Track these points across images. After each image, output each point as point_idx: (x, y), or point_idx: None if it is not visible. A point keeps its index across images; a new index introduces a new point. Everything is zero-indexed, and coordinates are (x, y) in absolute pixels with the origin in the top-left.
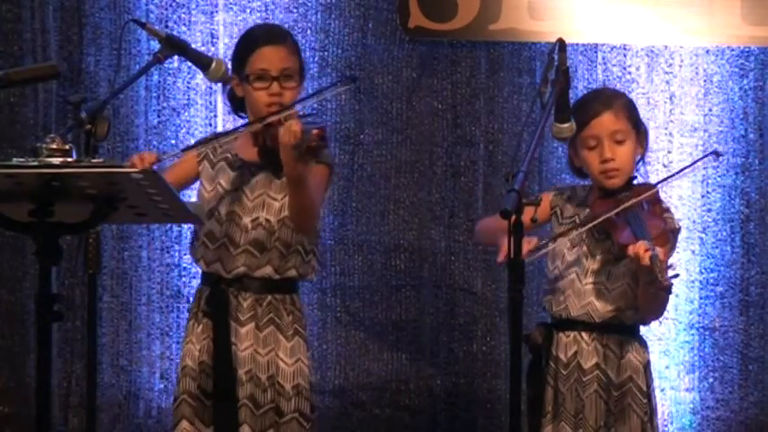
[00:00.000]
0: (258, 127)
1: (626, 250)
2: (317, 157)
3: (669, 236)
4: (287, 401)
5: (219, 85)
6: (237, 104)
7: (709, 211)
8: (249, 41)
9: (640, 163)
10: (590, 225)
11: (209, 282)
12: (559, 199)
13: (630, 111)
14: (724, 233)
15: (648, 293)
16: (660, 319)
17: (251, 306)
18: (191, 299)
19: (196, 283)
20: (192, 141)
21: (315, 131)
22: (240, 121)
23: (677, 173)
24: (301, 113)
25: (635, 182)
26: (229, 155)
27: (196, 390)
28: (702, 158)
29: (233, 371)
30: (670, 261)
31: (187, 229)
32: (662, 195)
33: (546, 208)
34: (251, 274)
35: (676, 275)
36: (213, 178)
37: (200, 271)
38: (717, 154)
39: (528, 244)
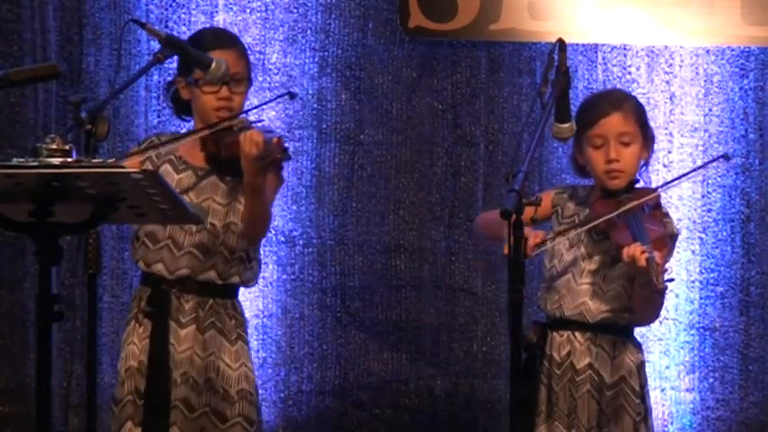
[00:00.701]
0: (207, 133)
1: (621, 250)
2: (280, 168)
3: (667, 240)
4: (230, 406)
5: (163, 86)
6: (182, 106)
7: (710, 211)
8: (199, 45)
9: (643, 168)
10: (592, 224)
11: (149, 282)
12: (560, 198)
13: (639, 114)
14: (724, 233)
15: (643, 296)
16: (660, 319)
17: (193, 308)
18: None
19: None
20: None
21: (275, 140)
22: (184, 124)
23: (683, 175)
24: (253, 121)
25: (637, 185)
26: (173, 157)
27: (135, 391)
28: (712, 162)
29: (168, 371)
30: (666, 265)
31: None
32: (662, 196)
33: (547, 207)
34: (194, 277)
35: (671, 279)
36: None
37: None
38: (726, 157)
39: (535, 237)
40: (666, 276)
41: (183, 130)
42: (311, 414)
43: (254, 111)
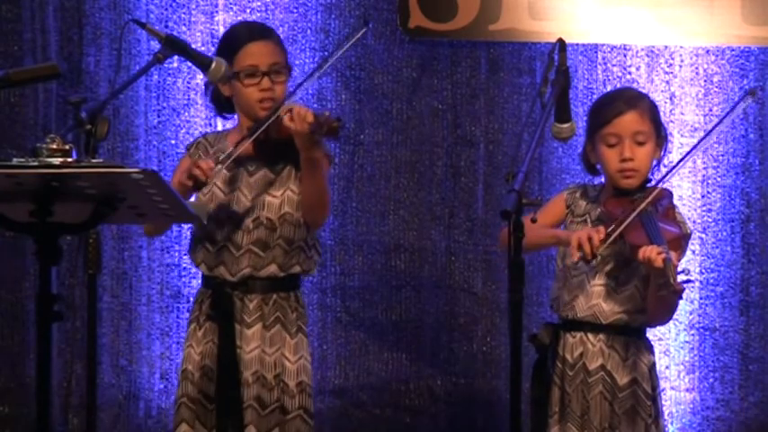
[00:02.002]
0: (262, 132)
1: (637, 251)
2: (337, 137)
3: (682, 241)
4: (291, 399)
5: (203, 87)
6: (223, 105)
7: (710, 211)
8: (235, 38)
9: (656, 167)
10: (616, 233)
11: (212, 285)
12: (572, 197)
13: (654, 114)
14: (724, 233)
15: (659, 297)
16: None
17: (257, 306)
18: (191, 299)
19: (196, 283)
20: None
21: (326, 113)
22: (226, 123)
23: (714, 127)
24: (293, 103)
25: (649, 185)
26: (222, 155)
27: (197, 394)
28: (739, 102)
29: (238, 375)
30: (682, 266)
31: (187, 229)
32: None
33: (561, 208)
34: (256, 274)
35: (689, 281)
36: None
37: (199, 271)
38: (752, 93)
39: (598, 234)
40: (683, 277)
41: (224, 127)
42: None
43: (300, 86)
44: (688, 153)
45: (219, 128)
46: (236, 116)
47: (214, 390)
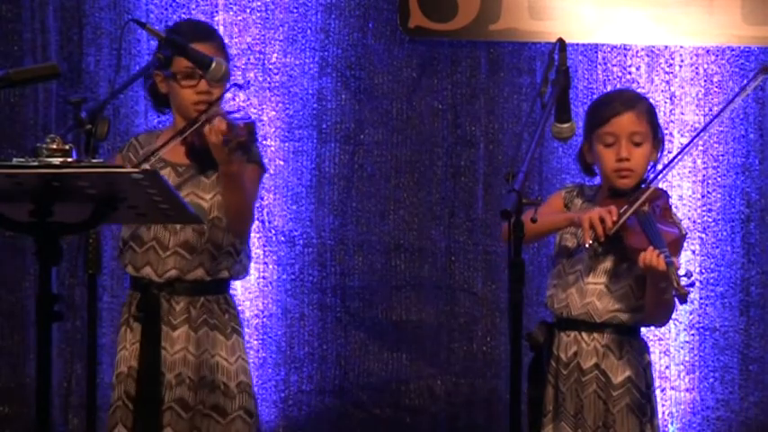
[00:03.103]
0: (190, 132)
1: (637, 254)
2: (247, 153)
3: (681, 243)
4: (231, 400)
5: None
6: (160, 100)
7: (710, 211)
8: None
9: (652, 169)
10: (628, 214)
11: (139, 286)
12: (570, 195)
13: (652, 115)
14: (724, 233)
15: (660, 300)
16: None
17: (184, 309)
18: None
19: None
20: None
21: (243, 125)
22: (163, 117)
23: (727, 104)
24: (229, 110)
25: (644, 186)
26: (152, 157)
27: (125, 395)
28: (753, 80)
29: (159, 375)
30: (685, 269)
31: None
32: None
33: (560, 207)
34: (183, 277)
35: (692, 284)
36: None
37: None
38: (766, 69)
39: (610, 215)
40: (686, 281)
41: (158, 127)
42: (311, 414)
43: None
44: (703, 128)
45: None
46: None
47: (134, 391)
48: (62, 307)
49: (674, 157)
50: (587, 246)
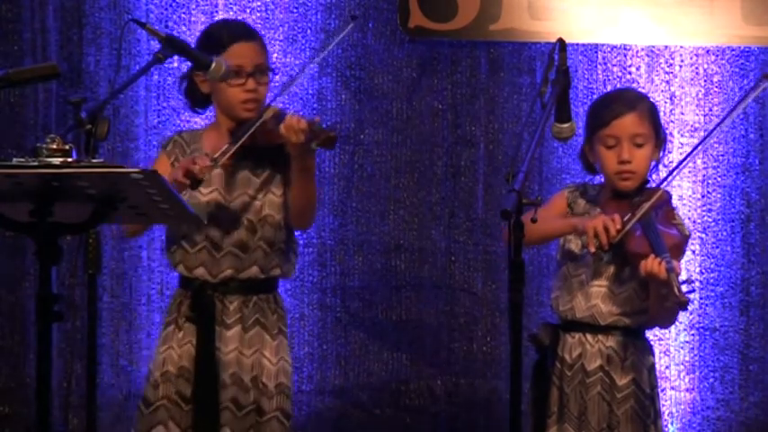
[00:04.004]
0: (250, 133)
1: (639, 259)
2: (332, 148)
3: (683, 244)
4: (269, 400)
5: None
6: (198, 100)
7: (710, 211)
8: (220, 37)
9: (654, 169)
10: (632, 223)
11: (192, 287)
12: (573, 195)
13: (654, 116)
14: (724, 233)
15: (663, 307)
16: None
17: (237, 308)
18: None
19: None
20: None
21: (316, 119)
22: (184, 122)
23: (732, 110)
24: (278, 107)
25: (648, 186)
26: (214, 154)
27: (174, 395)
28: (755, 89)
29: (216, 375)
30: (688, 274)
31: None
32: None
33: (563, 206)
34: (237, 276)
35: (693, 290)
36: None
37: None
38: (767, 76)
39: (614, 223)
40: (686, 288)
41: (158, 127)
42: (311, 414)
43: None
44: (704, 139)
45: None
46: (215, 113)
47: (191, 391)
48: (62, 307)
49: (678, 165)
50: (591, 253)
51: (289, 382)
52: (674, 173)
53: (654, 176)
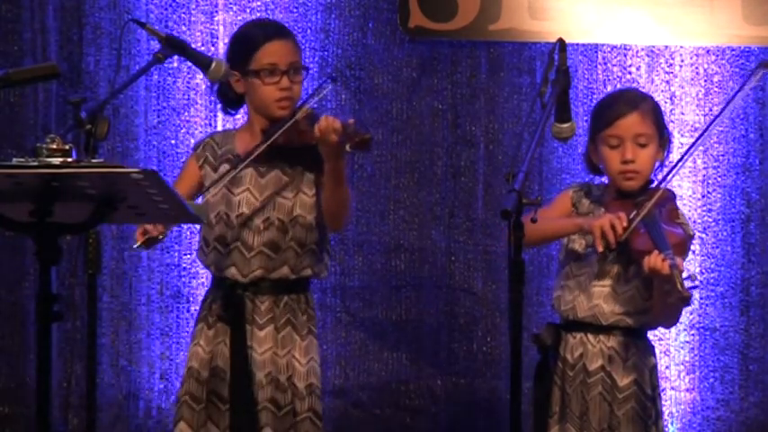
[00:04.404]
0: (282, 131)
1: (642, 257)
2: (369, 150)
3: (687, 243)
4: (301, 401)
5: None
6: (231, 101)
7: (710, 211)
8: (254, 36)
9: (658, 169)
10: (638, 220)
11: (223, 286)
12: (577, 195)
13: (657, 115)
14: (724, 233)
15: (666, 303)
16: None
17: (269, 308)
18: (191, 299)
19: (196, 283)
20: (192, 141)
21: (351, 122)
22: (185, 123)
23: (730, 99)
24: (313, 108)
25: (651, 186)
26: (231, 156)
27: (203, 393)
28: (753, 75)
29: (251, 375)
30: (689, 272)
31: (187, 229)
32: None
33: (567, 205)
34: (268, 276)
35: (696, 287)
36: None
37: (200, 271)
38: (765, 64)
39: (620, 221)
40: (689, 283)
41: (158, 127)
42: None
43: (318, 95)
44: (707, 128)
45: (219, 127)
46: (241, 114)
47: (227, 390)
48: (62, 307)
49: (680, 159)
50: (599, 252)
51: (318, 383)
52: (677, 167)
53: (658, 176)
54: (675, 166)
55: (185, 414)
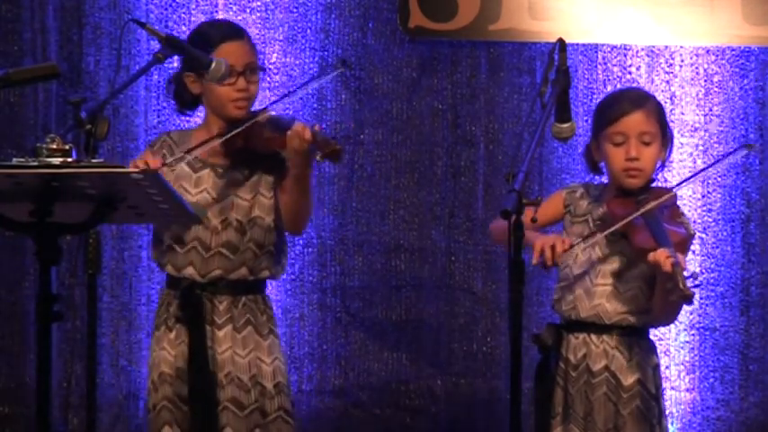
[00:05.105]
0: (236, 132)
1: (644, 254)
2: (339, 161)
3: (688, 242)
4: (270, 400)
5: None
6: (187, 102)
7: (710, 211)
8: (210, 36)
9: (660, 168)
10: (616, 227)
11: (180, 287)
12: (572, 197)
13: (660, 114)
14: (724, 233)
15: (667, 301)
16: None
17: (227, 308)
18: None
19: None
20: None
21: (317, 128)
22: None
23: (703, 170)
24: (274, 113)
25: (653, 185)
26: (188, 155)
27: (173, 396)
28: (732, 153)
29: (211, 374)
30: (691, 270)
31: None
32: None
33: (559, 207)
34: (226, 276)
35: (698, 285)
36: (173, 182)
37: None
38: (749, 147)
39: (562, 244)
40: (691, 282)
41: (158, 127)
42: (311, 414)
43: (303, 89)
44: (682, 182)
45: None
46: (205, 114)
47: (187, 391)
48: (62, 307)
49: (688, 178)
50: (533, 264)
51: (286, 381)
52: (683, 184)
53: (659, 176)
54: (683, 182)
55: (167, 418)
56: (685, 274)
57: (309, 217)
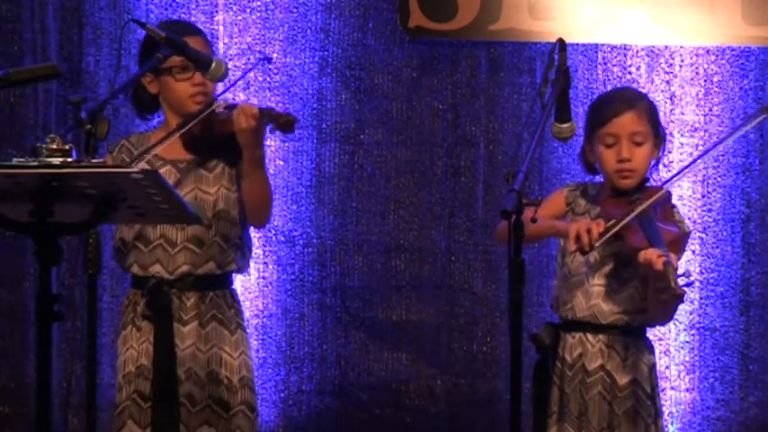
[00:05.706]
0: (194, 123)
1: (636, 254)
2: (292, 131)
3: (682, 241)
4: (234, 394)
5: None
6: (146, 105)
7: (710, 211)
8: None
9: (654, 167)
10: (614, 231)
11: (146, 285)
12: (573, 194)
13: (652, 114)
14: (724, 233)
15: (659, 300)
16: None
17: (195, 304)
18: None
19: None
20: None
21: (269, 107)
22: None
23: (713, 146)
24: (228, 102)
25: (647, 184)
26: (146, 155)
27: (135, 394)
28: (752, 120)
29: (175, 374)
30: (684, 268)
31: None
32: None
33: (561, 205)
34: (194, 271)
35: (690, 284)
36: None
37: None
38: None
39: (597, 226)
40: (684, 280)
41: (157, 127)
42: (311, 414)
43: (234, 85)
44: (693, 161)
45: None
46: (164, 114)
47: (150, 388)
48: (62, 307)
49: (673, 176)
50: (571, 252)
51: (251, 376)
52: (675, 178)
53: (654, 176)
54: (674, 176)
55: (130, 414)
56: (679, 272)
57: (270, 206)
